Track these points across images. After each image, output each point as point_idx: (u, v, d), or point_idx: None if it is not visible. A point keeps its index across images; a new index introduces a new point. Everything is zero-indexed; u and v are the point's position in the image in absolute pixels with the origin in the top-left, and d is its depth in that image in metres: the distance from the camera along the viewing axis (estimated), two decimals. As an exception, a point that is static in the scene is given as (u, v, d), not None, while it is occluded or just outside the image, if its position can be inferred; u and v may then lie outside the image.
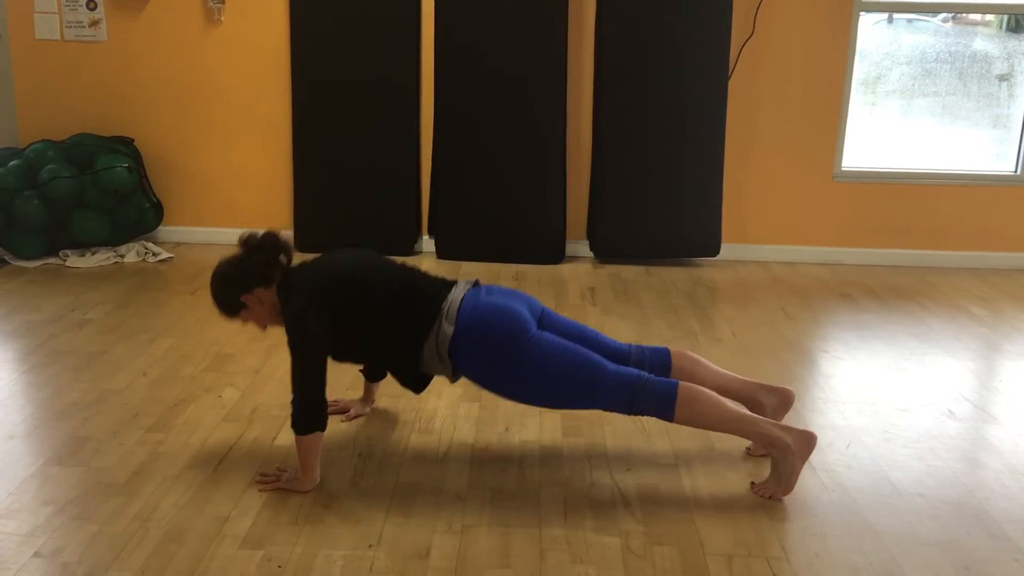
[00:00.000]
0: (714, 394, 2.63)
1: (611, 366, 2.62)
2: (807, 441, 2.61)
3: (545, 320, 2.77)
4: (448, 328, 2.60)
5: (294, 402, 2.57)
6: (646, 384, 2.59)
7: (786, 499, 2.63)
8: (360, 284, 2.66)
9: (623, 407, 2.61)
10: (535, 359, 2.58)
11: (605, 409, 2.64)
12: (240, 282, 2.70)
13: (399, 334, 2.65)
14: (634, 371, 2.62)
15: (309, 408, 2.57)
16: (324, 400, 2.60)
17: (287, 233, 2.81)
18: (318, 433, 2.60)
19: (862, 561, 2.35)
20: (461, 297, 2.66)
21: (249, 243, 2.71)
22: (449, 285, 2.74)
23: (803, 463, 2.62)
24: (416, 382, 2.79)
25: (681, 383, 2.61)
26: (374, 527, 2.45)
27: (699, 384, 2.69)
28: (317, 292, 2.62)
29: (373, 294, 2.65)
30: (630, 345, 2.85)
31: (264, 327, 2.81)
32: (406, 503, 2.57)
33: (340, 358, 2.75)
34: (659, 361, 2.81)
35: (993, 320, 4.36)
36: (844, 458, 2.90)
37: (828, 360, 3.81)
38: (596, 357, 2.62)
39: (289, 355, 2.59)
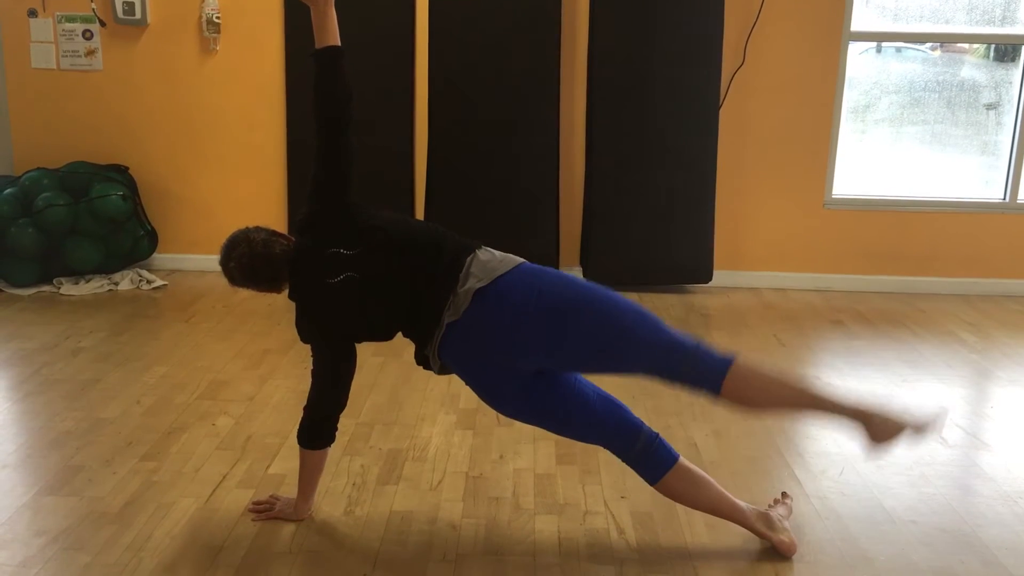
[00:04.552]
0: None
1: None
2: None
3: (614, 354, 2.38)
4: (434, 364, 2.43)
5: (305, 409, 2.53)
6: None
7: (779, 526, 2.62)
8: (355, 335, 2.50)
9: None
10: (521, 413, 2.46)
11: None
12: (246, 283, 2.53)
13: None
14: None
15: (316, 422, 2.51)
16: (334, 415, 2.52)
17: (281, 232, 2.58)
18: (323, 451, 2.56)
19: (855, 589, 2.35)
20: (442, 336, 2.36)
21: (254, 271, 2.48)
22: (451, 288, 2.44)
23: None
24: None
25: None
26: (368, 556, 2.44)
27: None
28: (318, 337, 2.49)
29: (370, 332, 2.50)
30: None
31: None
32: (400, 532, 2.57)
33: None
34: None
35: (983, 346, 4.38)
36: (837, 485, 2.91)
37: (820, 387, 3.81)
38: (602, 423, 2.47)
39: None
